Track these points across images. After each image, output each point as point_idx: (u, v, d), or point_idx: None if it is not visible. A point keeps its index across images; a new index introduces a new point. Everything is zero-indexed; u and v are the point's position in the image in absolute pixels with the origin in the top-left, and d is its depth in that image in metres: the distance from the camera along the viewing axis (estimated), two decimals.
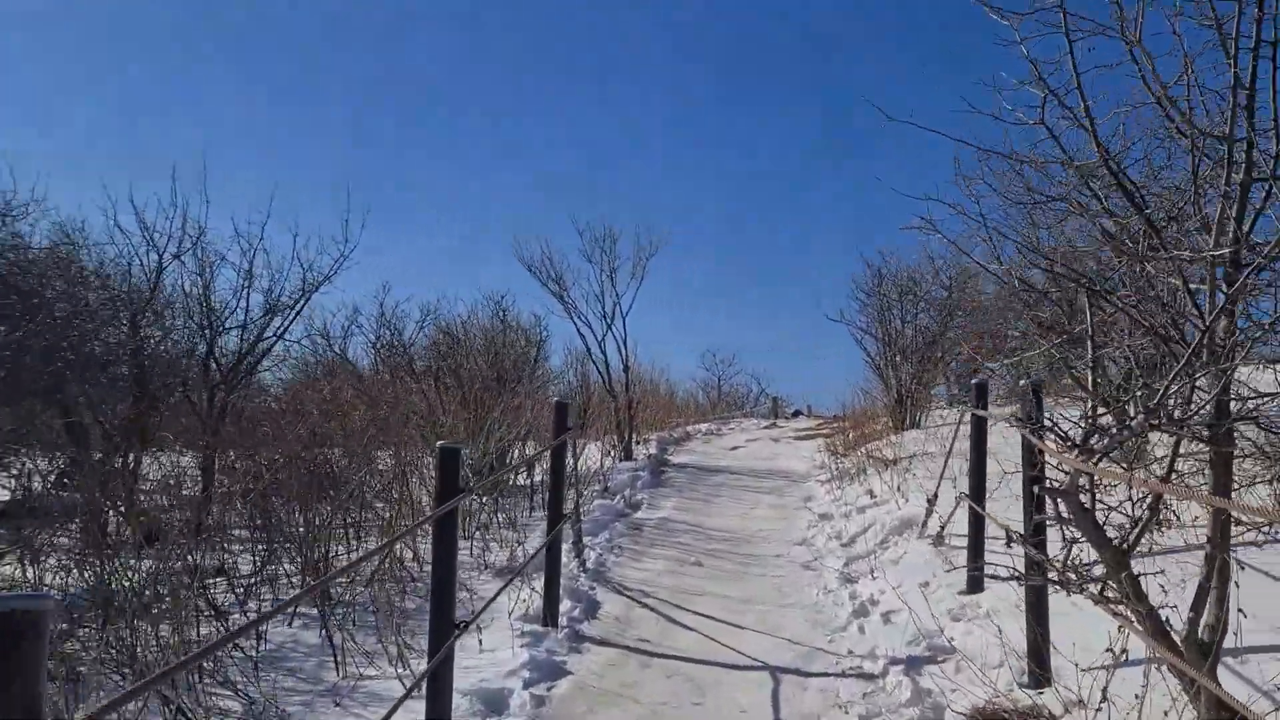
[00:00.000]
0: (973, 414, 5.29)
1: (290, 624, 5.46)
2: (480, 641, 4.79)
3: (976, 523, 5.14)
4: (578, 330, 11.49)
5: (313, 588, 5.25)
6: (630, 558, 7.04)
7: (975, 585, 5.03)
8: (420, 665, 4.42)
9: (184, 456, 10.91)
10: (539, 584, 5.47)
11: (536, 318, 12.28)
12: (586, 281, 11.33)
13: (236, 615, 5.62)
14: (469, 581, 6.28)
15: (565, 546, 6.78)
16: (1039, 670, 3.67)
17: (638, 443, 12.64)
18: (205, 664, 4.59)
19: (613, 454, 11.55)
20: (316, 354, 14.21)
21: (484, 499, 8.83)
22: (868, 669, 4.53)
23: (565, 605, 5.49)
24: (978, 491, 5.18)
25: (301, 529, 6.73)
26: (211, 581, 6.60)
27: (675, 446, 13.28)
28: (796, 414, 19.34)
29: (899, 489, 7.78)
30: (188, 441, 10.98)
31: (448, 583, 3.36)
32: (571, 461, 8.96)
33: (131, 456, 10.44)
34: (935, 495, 6.34)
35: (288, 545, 6.64)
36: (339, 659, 4.73)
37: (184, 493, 10.51)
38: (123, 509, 9.57)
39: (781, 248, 44.98)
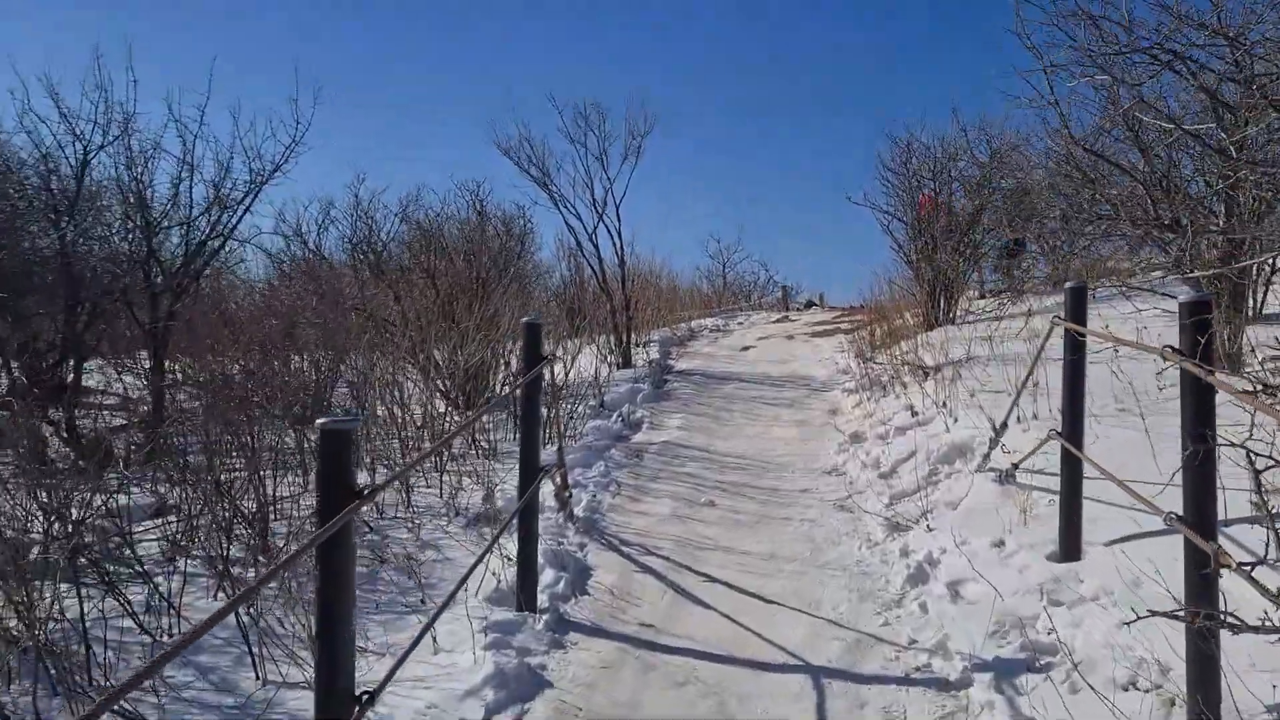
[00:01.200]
0: (1066, 330, 4.11)
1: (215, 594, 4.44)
2: (435, 639, 3.77)
3: (1071, 472, 4.03)
4: (565, 222, 10.24)
5: (235, 602, 4.22)
6: (629, 497, 6.00)
7: (1071, 551, 3.96)
8: (375, 667, 3.42)
9: (126, 373, 9.90)
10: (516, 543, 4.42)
11: (520, 209, 10.99)
12: (573, 166, 10.00)
13: (160, 580, 4.55)
14: (434, 536, 5.26)
15: (548, 489, 5.74)
16: (1208, 714, 2.61)
17: (637, 345, 11.52)
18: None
19: (609, 361, 10.45)
20: (290, 251, 12.99)
21: (458, 417, 7.78)
22: (940, 671, 3.51)
23: (547, 576, 4.47)
24: (1073, 429, 4.06)
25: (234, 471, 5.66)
26: (144, 527, 5.61)
27: (679, 349, 12.17)
28: (809, 305, 18.18)
29: (944, 405, 6.69)
30: (129, 353, 9.94)
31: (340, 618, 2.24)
32: (555, 385, 7.88)
33: (69, 372, 9.44)
34: (1004, 423, 5.23)
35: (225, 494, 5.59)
36: (256, 660, 3.73)
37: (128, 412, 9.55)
38: (64, 431, 8.61)
39: (793, 129, 42.90)
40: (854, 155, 39.25)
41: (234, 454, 6.39)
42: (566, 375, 8.35)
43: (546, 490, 5.73)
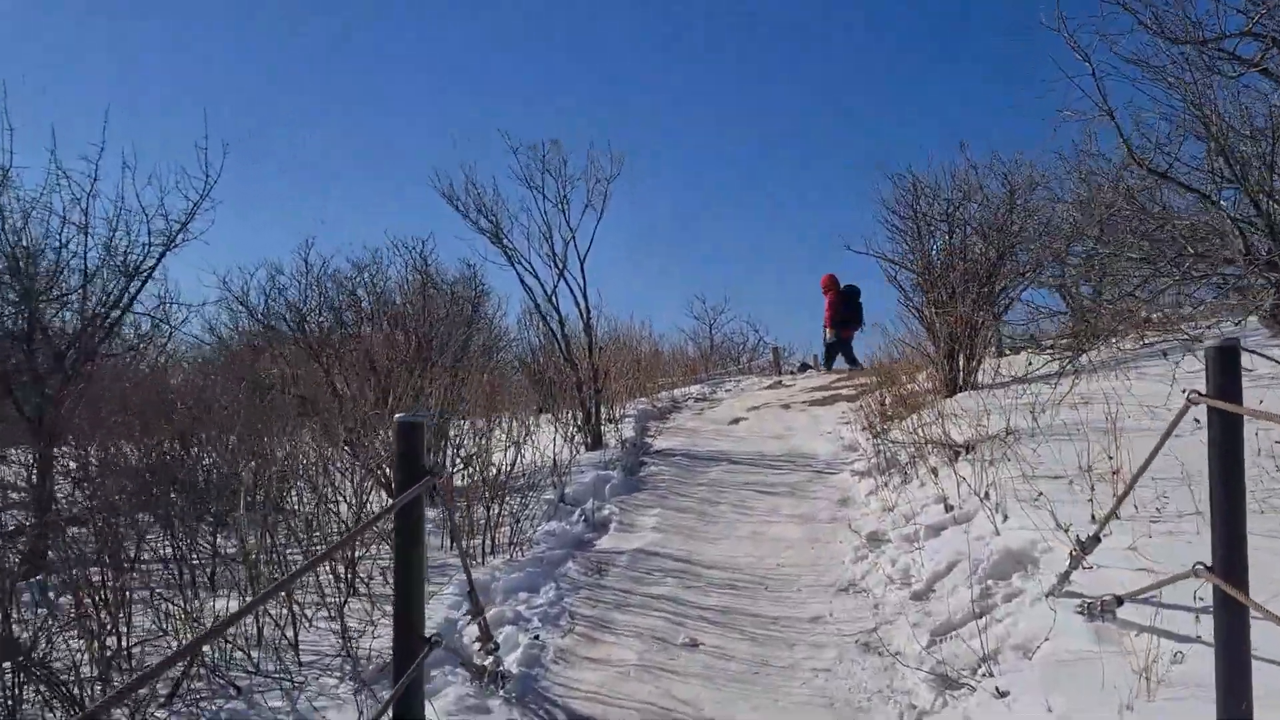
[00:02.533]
0: (1211, 409, 2.79)
1: None
2: None
3: (1232, 627, 2.70)
4: (522, 281, 8.98)
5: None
6: (584, 636, 4.64)
7: None
8: None
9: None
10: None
11: (469, 267, 9.72)
12: (529, 217, 8.77)
13: None
14: (321, 705, 3.88)
15: (459, 617, 4.39)
16: None
17: (609, 422, 10.19)
18: None
19: (575, 440, 9.10)
20: (236, 323, 11.63)
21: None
22: None
23: None
24: (1230, 561, 2.72)
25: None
26: None
27: (659, 423, 10.84)
28: (804, 368, 16.89)
29: (987, 495, 5.36)
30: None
31: None
32: (494, 478, 6.56)
33: None
34: (1095, 535, 3.88)
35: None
36: None
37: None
38: None
39: (778, 177, 42.18)
40: (845, 203, 38.40)
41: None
42: (511, 466, 7.01)
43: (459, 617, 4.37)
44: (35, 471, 8.02)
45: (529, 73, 41.89)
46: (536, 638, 4.54)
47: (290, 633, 4.52)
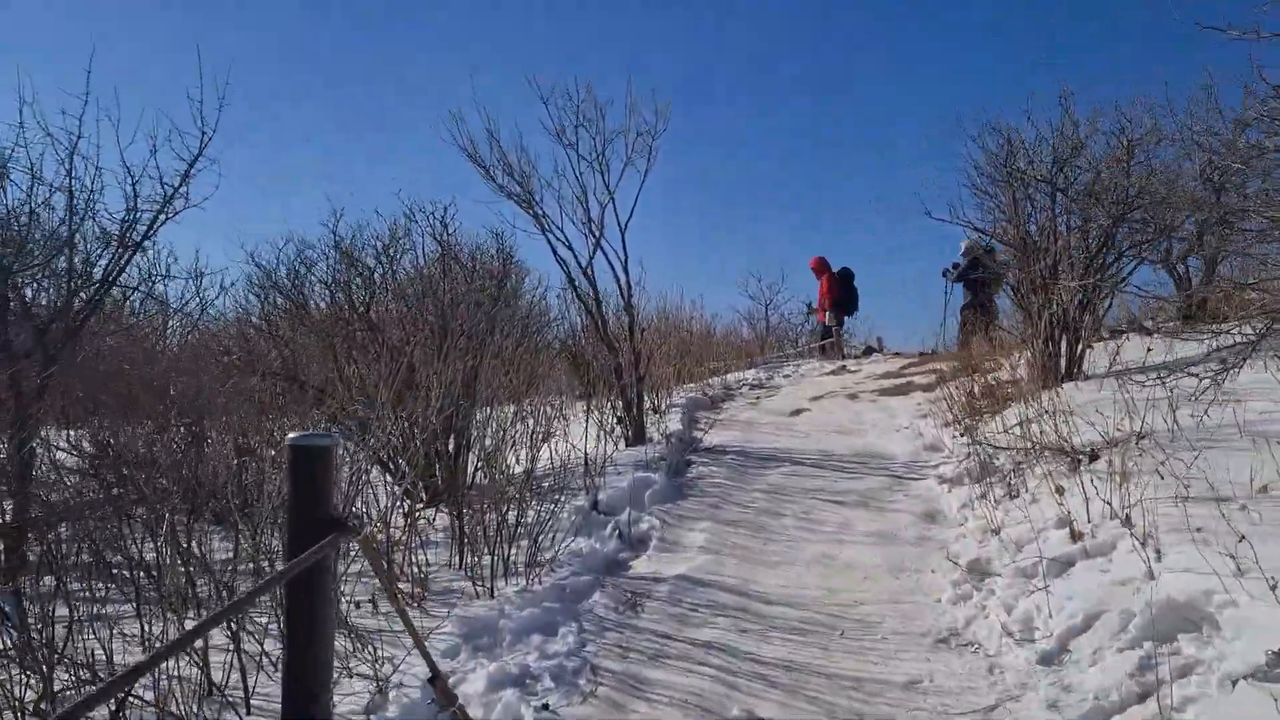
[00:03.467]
0: None
1: None
2: None
3: None
4: (554, 252, 7.96)
5: None
6: (609, 704, 3.64)
7: None
8: None
9: None
10: None
11: (498, 237, 8.72)
12: (559, 177, 7.75)
13: None
14: None
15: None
16: None
17: (654, 412, 9.17)
18: None
19: (614, 434, 8.11)
20: (263, 298, 10.74)
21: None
22: None
23: None
24: None
25: None
26: None
27: (710, 413, 9.79)
28: (869, 352, 15.70)
29: (1128, 520, 4.25)
30: None
31: None
32: (507, 478, 5.59)
33: None
34: None
35: None
36: None
37: None
38: None
39: (844, 140, 40.43)
40: (920, 166, 36.56)
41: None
42: (532, 466, 6.05)
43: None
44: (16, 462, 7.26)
45: (562, 28, 40.34)
46: (545, 707, 3.55)
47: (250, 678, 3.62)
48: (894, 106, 37.79)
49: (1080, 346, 7.66)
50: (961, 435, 7.25)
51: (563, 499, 6.45)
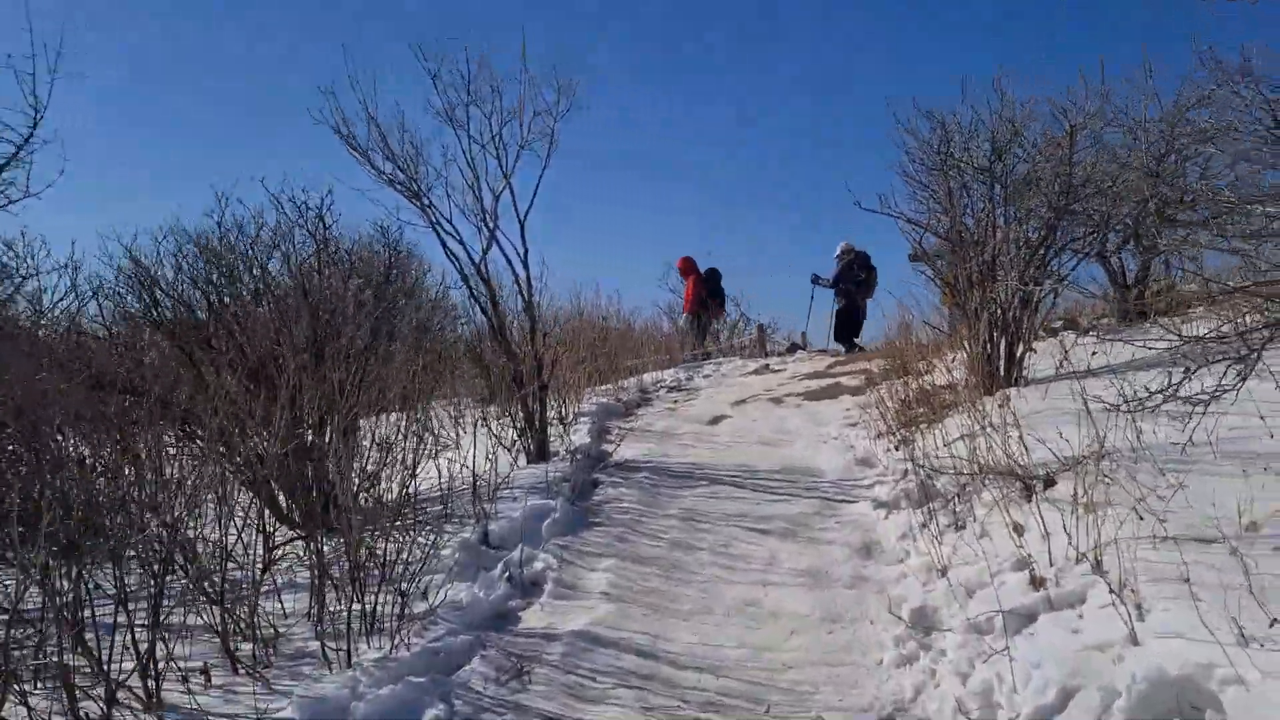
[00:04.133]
0: None
1: None
2: None
3: None
4: (443, 244, 7.13)
5: None
6: None
7: None
8: None
9: None
10: None
11: (383, 231, 7.83)
12: (450, 160, 6.92)
13: None
14: None
15: None
16: None
17: (559, 422, 8.43)
18: None
19: (515, 450, 7.34)
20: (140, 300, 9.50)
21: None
22: None
23: None
24: None
25: None
26: None
27: (623, 421, 9.08)
28: (793, 349, 15.18)
29: (1098, 563, 3.65)
30: None
31: None
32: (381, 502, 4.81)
33: None
34: None
35: None
36: None
37: None
38: None
39: (773, 126, 40.07)
40: (851, 156, 36.35)
41: None
42: (412, 489, 5.28)
43: None
44: None
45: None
46: None
47: None
48: (838, 89, 37.57)
49: (1022, 349, 7.13)
50: (896, 449, 6.65)
51: (449, 529, 5.70)
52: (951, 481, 5.28)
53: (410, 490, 5.86)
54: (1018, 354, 7.10)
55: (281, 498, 6.25)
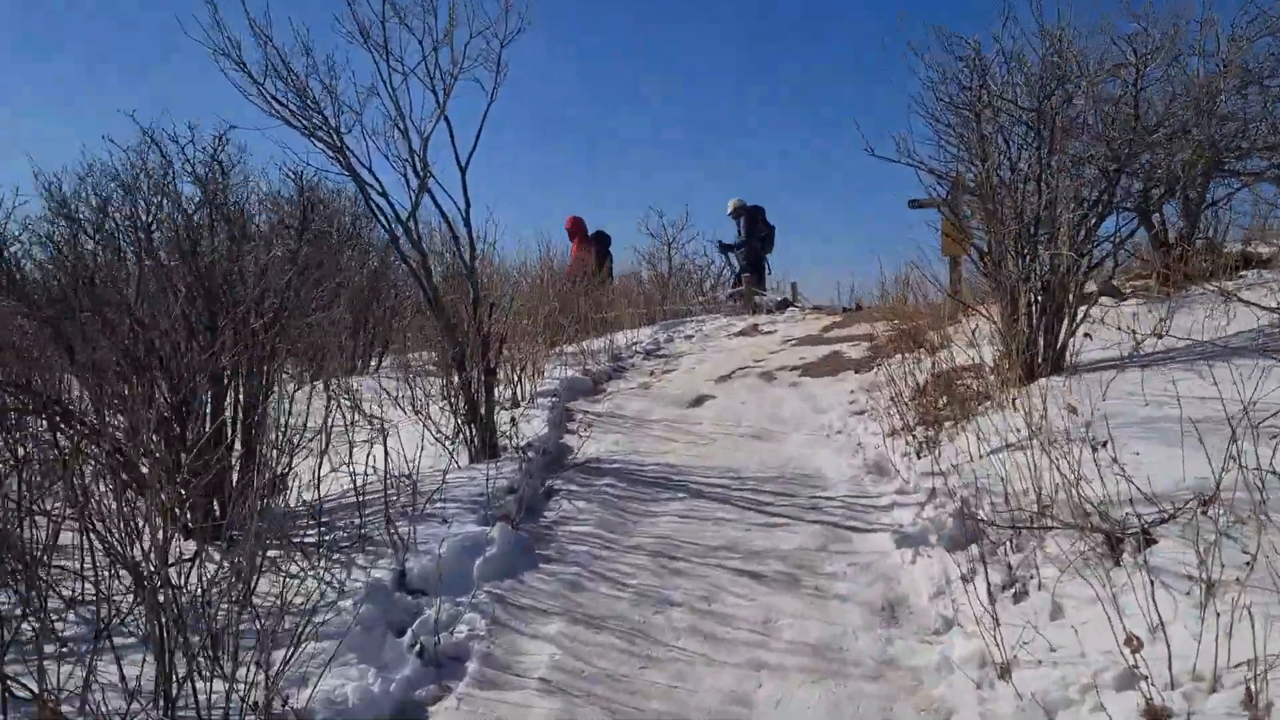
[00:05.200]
0: None
1: None
2: None
3: None
4: (365, 198, 5.85)
5: None
6: None
7: None
8: None
9: None
10: None
11: (298, 178, 6.51)
12: (374, 94, 5.60)
13: None
14: None
15: None
16: None
17: (513, 404, 7.25)
18: None
19: (455, 446, 6.15)
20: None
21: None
22: None
23: None
24: None
25: None
26: None
27: (590, 401, 7.90)
28: (784, 305, 13.96)
29: (1249, 696, 2.50)
30: None
31: None
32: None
33: None
34: None
35: None
36: None
37: None
38: None
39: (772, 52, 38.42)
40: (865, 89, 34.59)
41: None
42: (316, 499, 4.12)
43: None
44: None
45: None
46: None
47: None
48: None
49: (1070, 328, 5.95)
50: (918, 455, 5.50)
51: (362, 561, 4.55)
52: (997, 511, 4.13)
53: (317, 500, 4.76)
54: (1064, 336, 5.93)
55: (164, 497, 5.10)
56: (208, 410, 5.39)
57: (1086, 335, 5.53)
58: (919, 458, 5.42)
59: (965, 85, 6.21)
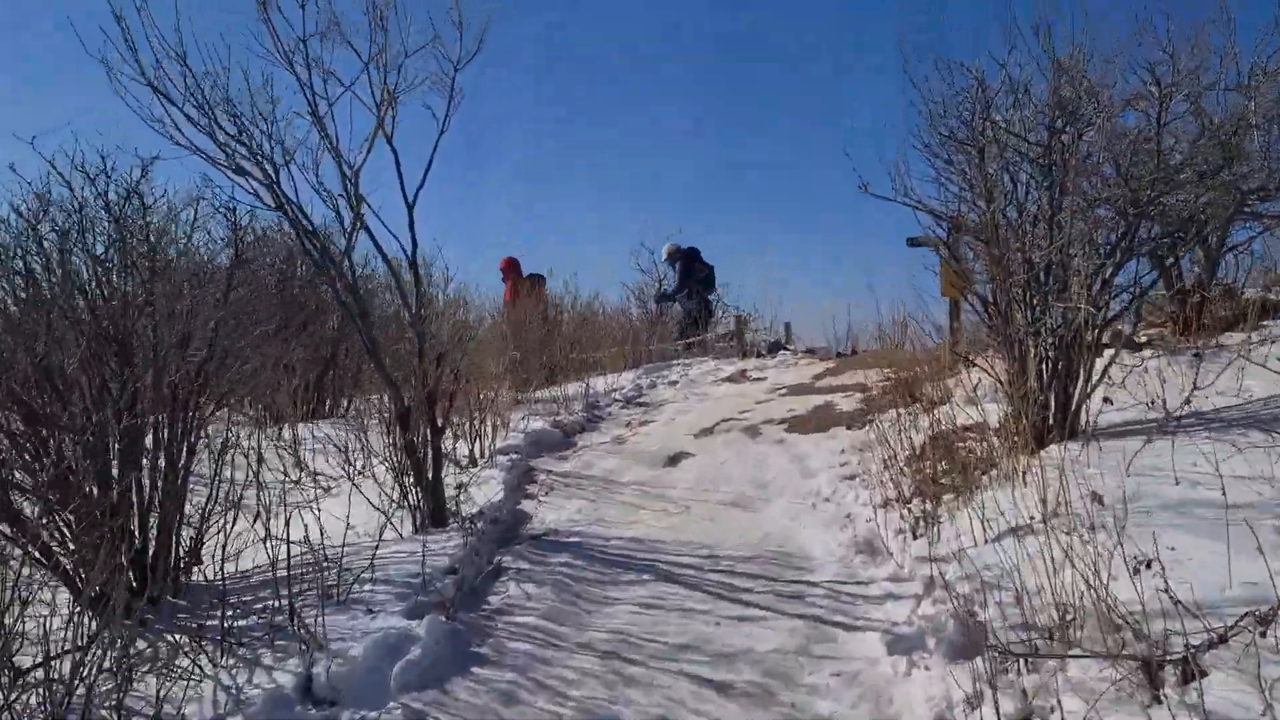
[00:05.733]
0: None
1: None
2: None
3: None
4: (295, 231, 5.25)
5: None
6: None
7: None
8: None
9: None
10: None
11: (230, 213, 5.89)
12: (297, 117, 5.02)
13: None
14: None
15: None
16: None
17: (470, 463, 6.64)
18: None
19: (400, 512, 5.52)
20: None
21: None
22: None
23: None
24: None
25: None
26: None
27: (557, 457, 7.28)
28: (776, 348, 13.37)
29: None
30: None
31: None
32: None
33: None
34: None
35: None
36: None
37: None
38: None
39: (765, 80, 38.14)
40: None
41: None
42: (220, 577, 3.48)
43: None
44: None
45: None
46: None
47: None
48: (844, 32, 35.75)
49: (1085, 388, 5.35)
50: (913, 533, 4.87)
51: (266, 660, 3.93)
52: (1007, 616, 3.50)
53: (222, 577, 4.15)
54: (1078, 395, 5.32)
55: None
56: (114, 473, 4.80)
57: (1106, 400, 4.92)
58: (915, 537, 4.80)
59: (965, 120, 5.65)
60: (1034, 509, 4.25)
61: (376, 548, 4.83)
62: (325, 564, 4.82)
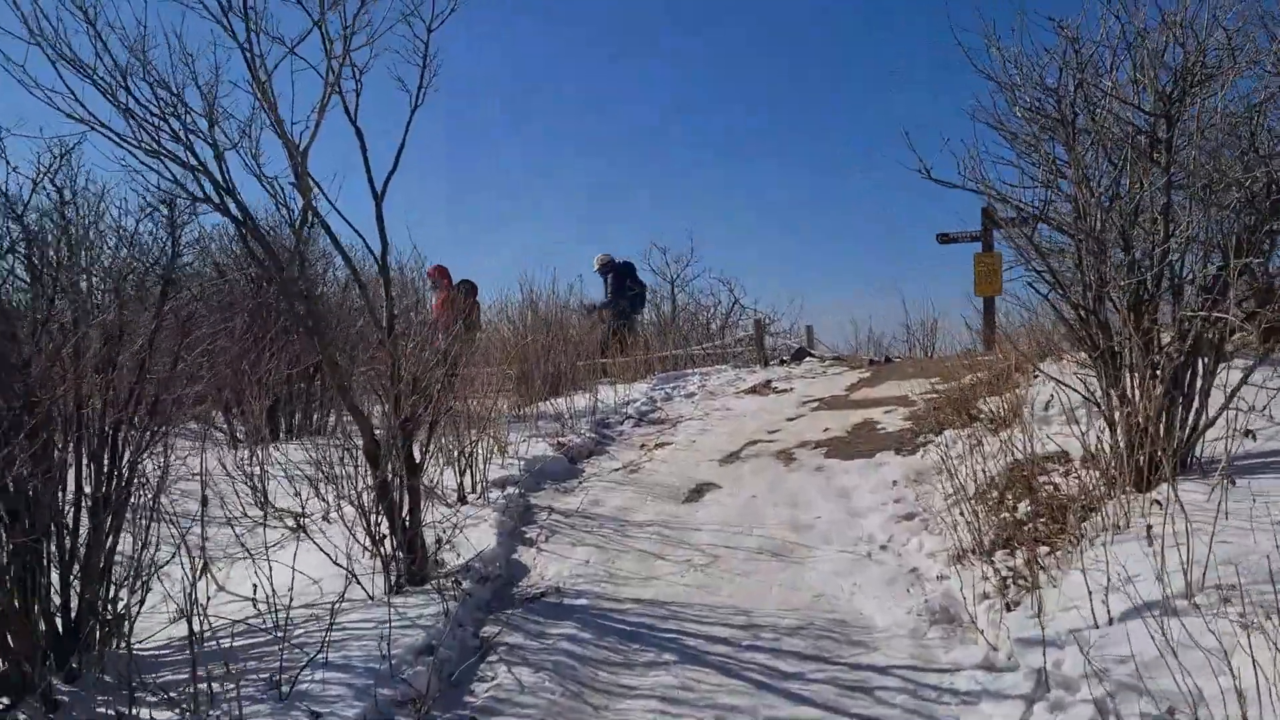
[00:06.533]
0: None
1: None
2: None
3: None
4: (237, 229, 4.34)
5: None
6: None
7: None
8: None
9: None
10: None
11: (167, 207, 4.97)
12: (236, 88, 4.11)
13: None
14: None
15: None
16: None
17: (459, 500, 5.73)
18: None
19: (376, 564, 4.60)
20: None
21: None
22: None
23: None
24: None
25: None
26: None
27: (561, 490, 6.33)
28: (800, 355, 12.40)
29: None
30: None
31: None
32: None
33: None
34: None
35: None
36: None
37: None
38: None
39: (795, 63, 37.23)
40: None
41: None
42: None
43: None
44: None
45: None
46: None
47: None
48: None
49: (1204, 413, 4.39)
50: (1005, 600, 3.93)
51: None
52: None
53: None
54: (1202, 422, 4.37)
55: None
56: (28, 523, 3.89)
57: (1249, 433, 3.96)
58: (1009, 608, 3.85)
59: (1049, 88, 4.69)
60: (1173, 576, 3.32)
61: (332, 623, 3.89)
62: (279, 633, 3.94)
